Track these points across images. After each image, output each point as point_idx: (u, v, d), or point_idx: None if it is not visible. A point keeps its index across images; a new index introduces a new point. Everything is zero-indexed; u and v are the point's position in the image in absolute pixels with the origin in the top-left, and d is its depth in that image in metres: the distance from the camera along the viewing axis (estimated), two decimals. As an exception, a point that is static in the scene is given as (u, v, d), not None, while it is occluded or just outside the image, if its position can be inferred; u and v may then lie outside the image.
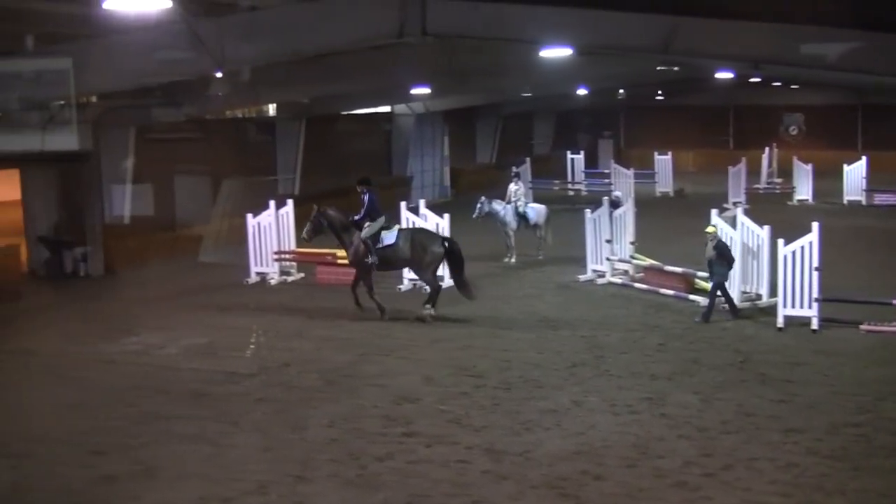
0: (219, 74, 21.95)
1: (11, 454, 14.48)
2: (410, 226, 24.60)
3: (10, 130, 20.93)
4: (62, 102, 20.73)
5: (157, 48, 19.45)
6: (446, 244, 22.29)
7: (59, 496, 12.91)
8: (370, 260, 22.05)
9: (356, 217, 22.36)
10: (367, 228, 22.04)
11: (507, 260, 29.40)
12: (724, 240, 21.69)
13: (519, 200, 30.08)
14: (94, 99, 26.58)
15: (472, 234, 27.33)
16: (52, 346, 21.27)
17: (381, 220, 22.35)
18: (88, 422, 15.81)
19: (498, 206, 29.63)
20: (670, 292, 23.89)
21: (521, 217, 30.02)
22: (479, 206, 29.45)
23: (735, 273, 22.27)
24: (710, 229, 21.79)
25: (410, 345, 19.72)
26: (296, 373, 18.05)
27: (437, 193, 46.57)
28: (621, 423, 14.80)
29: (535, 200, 42.26)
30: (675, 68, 41.39)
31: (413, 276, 24.65)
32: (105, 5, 13.97)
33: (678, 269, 24.24)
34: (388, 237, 22.18)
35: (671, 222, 36.05)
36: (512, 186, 30.71)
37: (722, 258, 21.31)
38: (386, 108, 44.72)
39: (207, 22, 19.11)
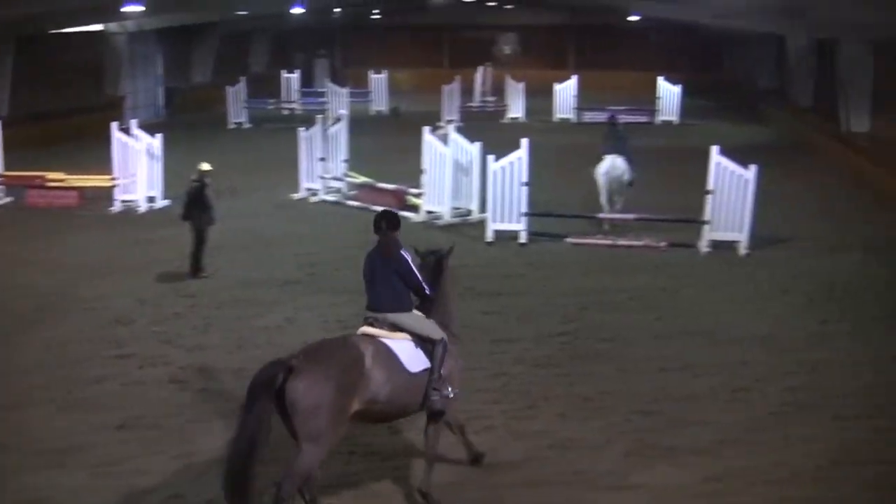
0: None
1: None
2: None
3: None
4: None
5: None
6: None
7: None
8: None
9: None
10: None
11: None
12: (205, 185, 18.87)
13: None
14: None
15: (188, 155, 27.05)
16: None
17: None
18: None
19: None
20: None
21: None
22: None
23: (447, 189, 23.00)
24: (204, 166, 18.93)
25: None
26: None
27: (151, 114, 45.63)
28: (333, 339, 15.15)
29: (250, 120, 42.68)
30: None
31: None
32: None
33: (390, 186, 24.83)
34: None
35: (385, 140, 36.61)
36: None
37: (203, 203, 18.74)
38: (99, 27, 43.25)
39: None
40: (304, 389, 8.91)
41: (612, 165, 23.20)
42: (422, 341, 10.11)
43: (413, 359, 9.94)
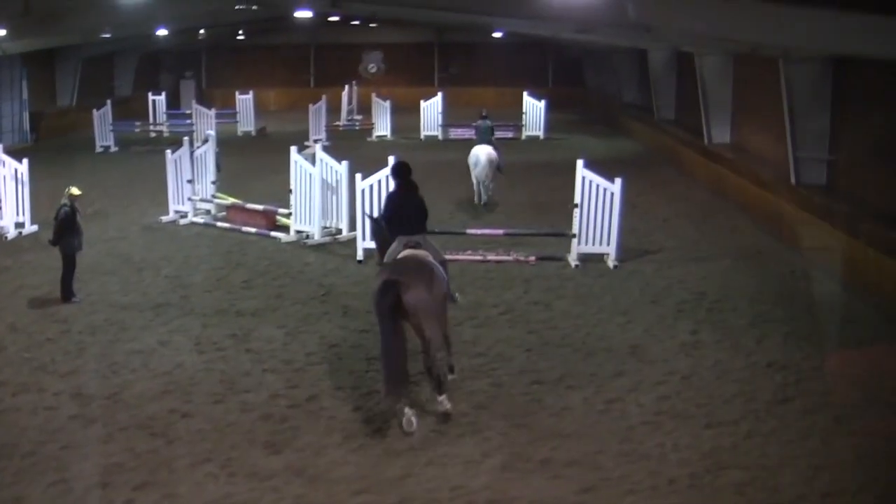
0: None
1: None
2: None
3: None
4: None
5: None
6: None
7: None
8: None
9: None
10: None
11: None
12: (72, 208, 18.60)
13: None
14: None
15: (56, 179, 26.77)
16: None
17: None
18: None
19: None
20: (253, 230, 24.43)
21: None
22: None
23: (316, 208, 23.06)
24: (73, 190, 18.67)
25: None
26: None
27: (16, 139, 44.77)
28: (208, 361, 15.23)
29: (117, 143, 42.19)
30: (254, 7, 41.62)
31: None
32: None
33: (260, 207, 24.84)
34: None
35: (253, 161, 36.54)
36: None
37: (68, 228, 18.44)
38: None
39: None
40: (417, 296, 12.54)
41: (478, 155, 26.83)
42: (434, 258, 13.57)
43: (441, 271, 13.39)
